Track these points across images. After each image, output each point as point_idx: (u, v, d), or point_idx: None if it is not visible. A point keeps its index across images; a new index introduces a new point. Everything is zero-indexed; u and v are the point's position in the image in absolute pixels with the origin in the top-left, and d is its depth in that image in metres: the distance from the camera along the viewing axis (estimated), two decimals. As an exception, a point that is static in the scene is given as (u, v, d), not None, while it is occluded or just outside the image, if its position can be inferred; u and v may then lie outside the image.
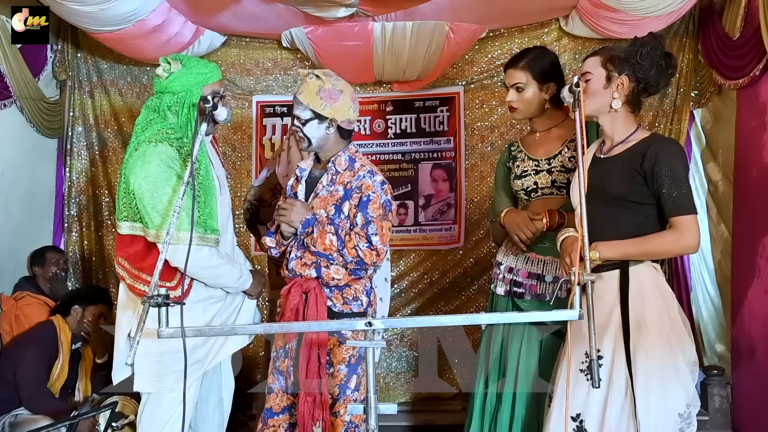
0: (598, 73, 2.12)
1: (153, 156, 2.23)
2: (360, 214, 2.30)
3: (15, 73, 3.55)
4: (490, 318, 2.40)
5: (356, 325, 1.70)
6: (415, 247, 4.25)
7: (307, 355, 2.27)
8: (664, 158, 2.01)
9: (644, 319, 2.01)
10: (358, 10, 3.41)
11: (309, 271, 2.31)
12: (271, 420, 2.38)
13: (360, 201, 2.31)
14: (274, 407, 2.39)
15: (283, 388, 2.37)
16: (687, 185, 2.02)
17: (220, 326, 2.39)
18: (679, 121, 3.91)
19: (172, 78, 2.28)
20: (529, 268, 2.51)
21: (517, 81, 2.53)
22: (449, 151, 4.21)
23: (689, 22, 3.82)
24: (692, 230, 1.99)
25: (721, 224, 3.73)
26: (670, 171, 2.00)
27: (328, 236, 2.25)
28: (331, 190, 2.35)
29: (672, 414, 1.98)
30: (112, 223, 4.26)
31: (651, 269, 2.07)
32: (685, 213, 1.99)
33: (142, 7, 3.33)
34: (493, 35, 4.06)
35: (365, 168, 2.36)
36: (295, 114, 2.35)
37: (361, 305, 2.37)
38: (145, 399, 2.39)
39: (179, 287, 2.21)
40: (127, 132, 4.25)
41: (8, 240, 3.68)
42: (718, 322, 3.79)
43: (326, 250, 2.25)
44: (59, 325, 3.25)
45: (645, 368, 1.99)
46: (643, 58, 2.06)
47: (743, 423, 3.41)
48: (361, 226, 2.29)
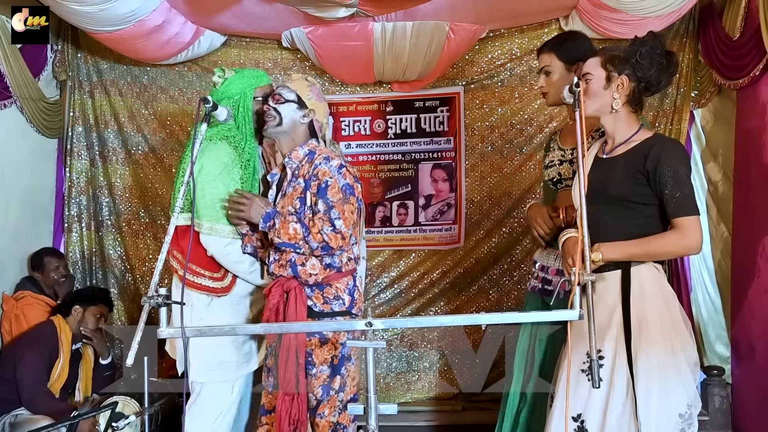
0: (598, 74, 2.12)
1: (211, 152, 2.40)
2: (320, 200, 2.32)
3: (15, 73, 3.55)
4: (489, 318, 2.39)
5: (356, 325, 1.70)
6: (415, 247, 4.25)
7: (285, 355, 2.28)
8: (667, 159, 2.01)
9: (646, 320, 2.01)
10: (359, 10, 3.41)
11: (286, 272, 2.34)
12: (264, 417, 2.41)
13: (318, 188, 2.34)
14: (266, 405, 2.42)
15: (272, 387, 2.41)
16: (690, 186, 2.02)
17: (220, 326, 2.39)
18: (679, 121, 3.91)
19: (227, 84, 2.48)
20: (559, 266, 2.46)
21: (544, 65, 2.53)
22: (449, 151, 4.22)
23: (689, 22, 3.82)
24: (695, 231, 1.99)
25: (721, 224, 3.73)
26: (672, 172, 1.99)
27: (291, 225, 2.28)
28: (294, 185, 2.38)
29: (673, 414, 1.98)
30: (112, 223, 4.26)
31: (653, 270, 2.07)
32: (687, 214, 1.99)
33: (142, 7, 3.33)
34: (493, 35, 4.06)
35: (321, 156, 2.39)
36: (277, 93, 2.43)
37: (343, 304, 2.36)
38: (198, 389, 2.47)
39: (225, 279, 2.44)
40: (127, 132, 4.25)
41: (8, 240, 3.68)
42: (718, 322, 3.79)
43: (291, 239, 2.28)
44: (60, 326, 3.25)
45: (646, 369, 1.99)
46: (642, 57, 2.06)
47: (743, 423, 3.41)
48: (323, 212, 2.31)
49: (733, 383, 3.51)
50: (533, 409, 2.49)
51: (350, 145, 4.23)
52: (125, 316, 4.22)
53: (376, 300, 4.20)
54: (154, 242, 4.22)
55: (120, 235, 4.25)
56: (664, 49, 2.10)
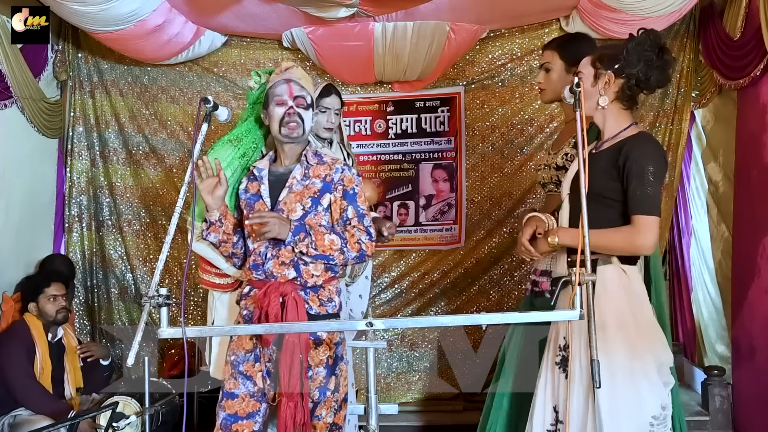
0: (587, 72, 2.12)
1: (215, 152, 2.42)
2: (350, 207, 2.29)
3: (16, 73, 3.55)
4: (490, 318, 2.39)
5: (357, 325, 1.70)
6: (415, 248, 4.25)
7: (288, 360, 2.20)
8: (637, 155, 2.00)
9: (605, 320, 2.01)
10: (359, 10, 3.41)
11: (287, 271, 2.24)
12: (234, 425, 2.28)
13: (346, 194, 2.29)
14: (240, 412, 2.28)
15: (251, 393, 2.29)
16: (654, 186, 1.99)
17: (220, 327, 2.39)
18: (679, 122, 3.91)
19: (263, 89, 2.42)
20: (545, 267, 2.47)
21: (546, 61, 2.52)
22: (450, 151, 4.22)
23: (690, 23, 3.82)
24: (648, 231, 1.96)
25: (722, 224, 3.73)
26: (638, 169, 1.99)
27: (327, 237, 2.21)
28: (306, 184, 2.30)
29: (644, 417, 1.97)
30: (112, 223, 4.26)
31: (618, 271, 2.05)
32: (643, 212, 1.97)
33: (143, 7, 3.33)
34: (493, 35, 4.06)
35: (340, 162, 2.35)
36: (297, 95, 2.28)
37: (335, 306, 2.33)
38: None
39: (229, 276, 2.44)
40: (128, 132, 4.25)
41: (9, 240, 3.68)
42: (719, 322, 3.79)
43: (326, 251, 2.21)
44: (29, 321, 3.24)
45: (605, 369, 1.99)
46: (629, 53, 2.05)
47: (744, 423, 3.41)
48: (357, 220, 2.28)
49: (733, 383, 3.51)
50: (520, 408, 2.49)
51: (351, 145, 4.23)
52: (125, 316, 4.23)
53: (376, 300, 4.20)
54: (155, 242, 4.22)
55: (120, 235, 4.25)
56: (657, 45, 2.07)
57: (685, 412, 3.56)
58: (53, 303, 3.28)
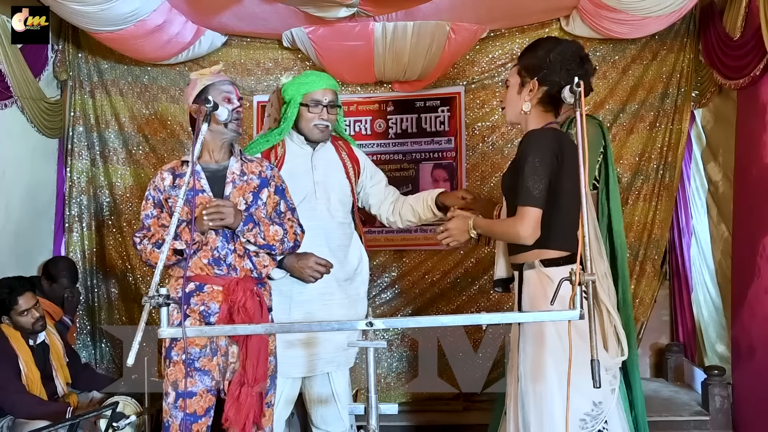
0: (514, 81, 2.22)
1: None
2: (282, 201, 2.47)
3: (16, 73, 3.55)
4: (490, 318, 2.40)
5: (357, 325, 1.70)
6: (416, 247, 4.25)
7: (256, 353, 2.28)
8: (521, 150, 2.10)
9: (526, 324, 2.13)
10: (359, 10, 3.41)
11: (245, 263, 2.34)
12: (195, 425, 2.28)
13: (278, 189, 2.46)
14: (198, 410, 2.29)
15: (208, 389, 2.31)
16: (533, 177, 2.03)
17: (220, 327, 2.39)
18: (679, 122, 3.91)
19: (283, 89, 2.68)
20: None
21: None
22: (450, 151, 4.21)
23: (690, 22, 3.82)
24: (524, 221, 2.03)
25: (722, 224, 3.73)
26: (521, 161, 2.08)
27: (272, 227, 2.34)
28: (245, 179, 2.39)
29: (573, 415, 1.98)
30: (113, 223, 4.26)
31: (540, 275, 2.11)
32: (522, 203, 2.05)
33: (143, 7, 3.33)
34: (493, 35, 4.06)
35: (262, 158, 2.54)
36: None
37: (272, 300, 2.49)
38: None
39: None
40: (128, 132, 4.25)
41: (9, 240, 3.68)
42: (719, 322, 3.79)
43: (270, 241, 2.33)
44: (6, 332, 3.09)
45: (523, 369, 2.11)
46: (552, 63, 2.12)
47: (744, 423, 3.41)
48: (291, 214, 2.48)
49: (733, 383, 3.51)
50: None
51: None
52: (125, 316, 4.22)
53: (376, 300, 4.20)
54: (155, 242, 4.21)
55: (121, 235, 4.25)
56: (578, 55, 2.15)
57: (685, 412, 3.59)
58: (26, 316, 3.10)
